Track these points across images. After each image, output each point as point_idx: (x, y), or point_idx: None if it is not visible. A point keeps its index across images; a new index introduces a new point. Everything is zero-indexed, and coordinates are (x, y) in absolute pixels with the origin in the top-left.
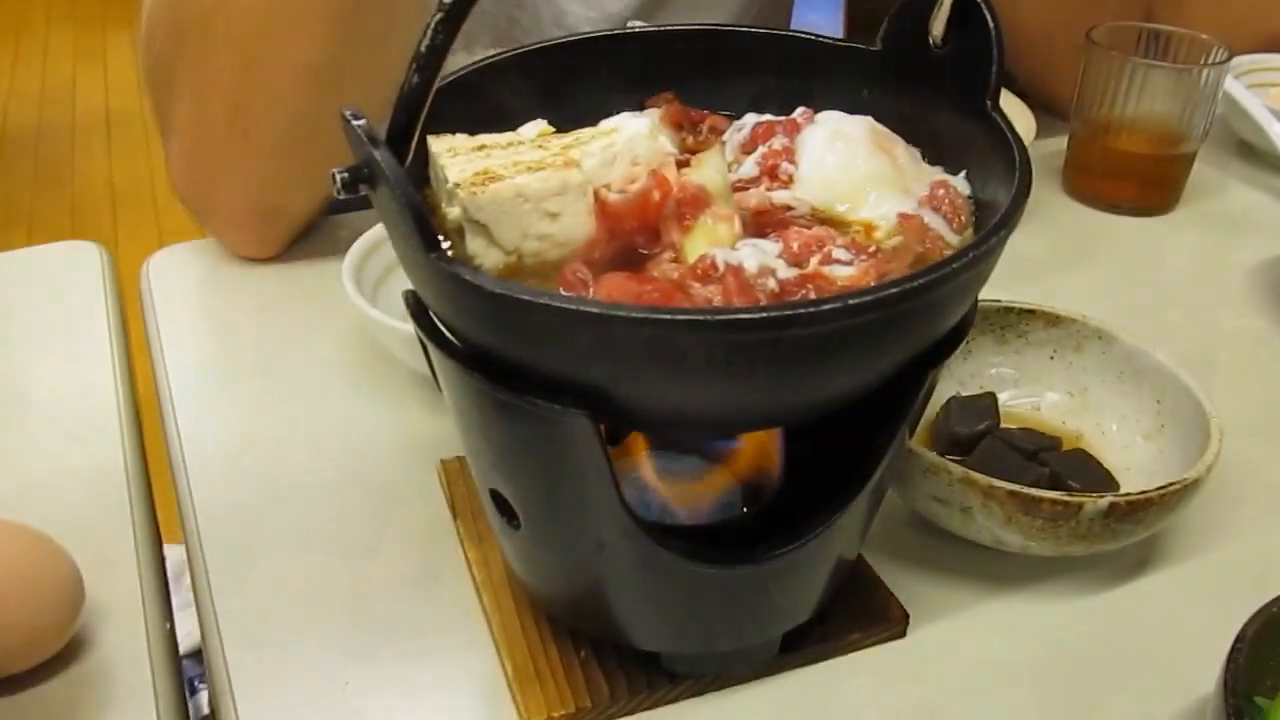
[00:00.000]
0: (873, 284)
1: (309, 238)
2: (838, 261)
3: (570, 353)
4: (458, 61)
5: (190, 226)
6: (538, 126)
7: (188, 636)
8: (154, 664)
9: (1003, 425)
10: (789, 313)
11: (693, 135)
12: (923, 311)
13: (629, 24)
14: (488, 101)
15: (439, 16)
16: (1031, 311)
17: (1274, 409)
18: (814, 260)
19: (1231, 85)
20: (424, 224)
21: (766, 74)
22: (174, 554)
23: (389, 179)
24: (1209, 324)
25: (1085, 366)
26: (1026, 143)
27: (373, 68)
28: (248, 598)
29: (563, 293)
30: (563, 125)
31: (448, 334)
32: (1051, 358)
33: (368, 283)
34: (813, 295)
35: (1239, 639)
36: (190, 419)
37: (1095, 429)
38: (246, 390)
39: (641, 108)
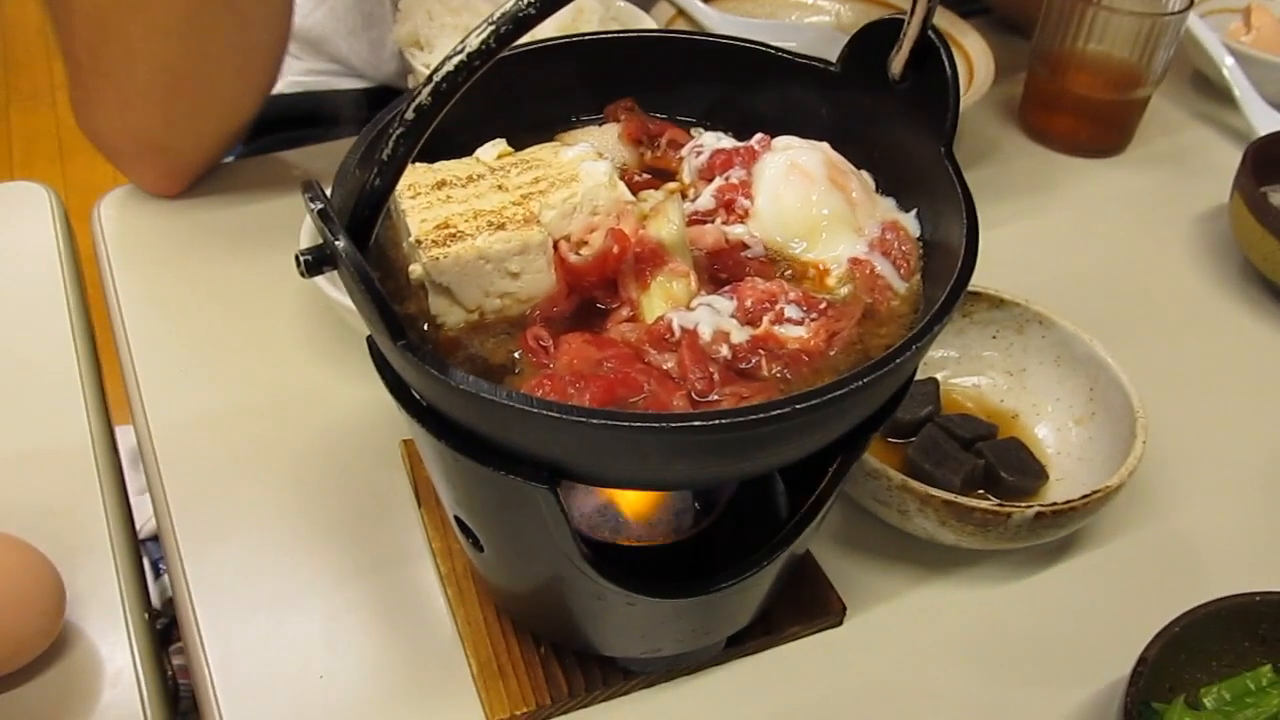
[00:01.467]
0: (823, 347)
1: (260, 176)
2: (789, 320)
3: (531, 438)
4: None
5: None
6: (497, 148)
7: (147, 523)
8: (137, 653)
9: (944, 408)
10: (736, 419)
11: (651, 150)
12: (860, 403)
13: None
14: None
15: (400, 131)
16: (978, 294)
17: (1197, 378)
18: (766, 319)
19: (1193, 23)
20: (390, 316)
21: (728, 84)
22: (125, 438)
23: (353, 273)
24: (1149, 280)
25: (1025, 348)
26: (985, 86)
27: (232, 25)
28: (218, 570)
29: (523, 393)
30: (523, 132)
31: (399, 393)
32: (994, 337)
33: None
34: (764, 365)
35: (1141, 660)
36: (154, 391)
37: (1031, 409)
38: (203, 361)
39: (601, 113)
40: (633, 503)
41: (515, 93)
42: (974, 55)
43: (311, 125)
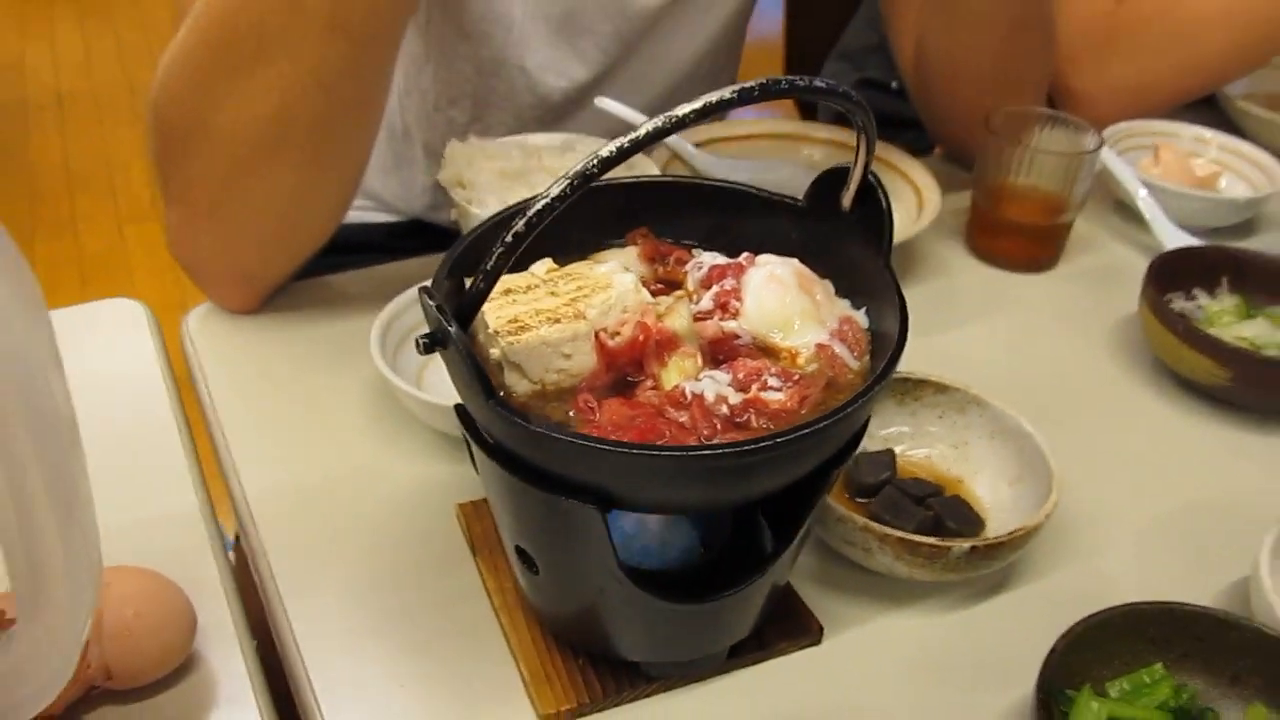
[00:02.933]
0: (798, 408)
1: (317, 295)
2: (771, 388)
3: (586, 467)
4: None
5: (150, 211)
6: (545, 264)
7: None
8: (250, 673)
9: (900, 474)
10: (734, 449)
11: (662, 265)
12: (824, 441)
13: (598, 100)
14: None
15: (500, 250)
16: (924, 381)
17: (1113, 449)
18: (754, 387)
19: (1109, 156)
20: (485, 380)
21: (720, 215)
22: None
23: (461, 351)
24: (1075, 371)
25: (966, 425)
26: (934, 213)
27: (337, 180)
28: (315, 615)
29: (583, 430)
30: (566, 253)
31: (480, 439)
32: (940, 417)
33: (389, 350)
34: (753, 420)
35: (1053, 650)
36: (249, 472)
37: (972, 474)
38: (288, 445)
39: (624, 238)
40: (654, 538)
41: (560, 221)
42: (923, 188)
43: (348, 253)
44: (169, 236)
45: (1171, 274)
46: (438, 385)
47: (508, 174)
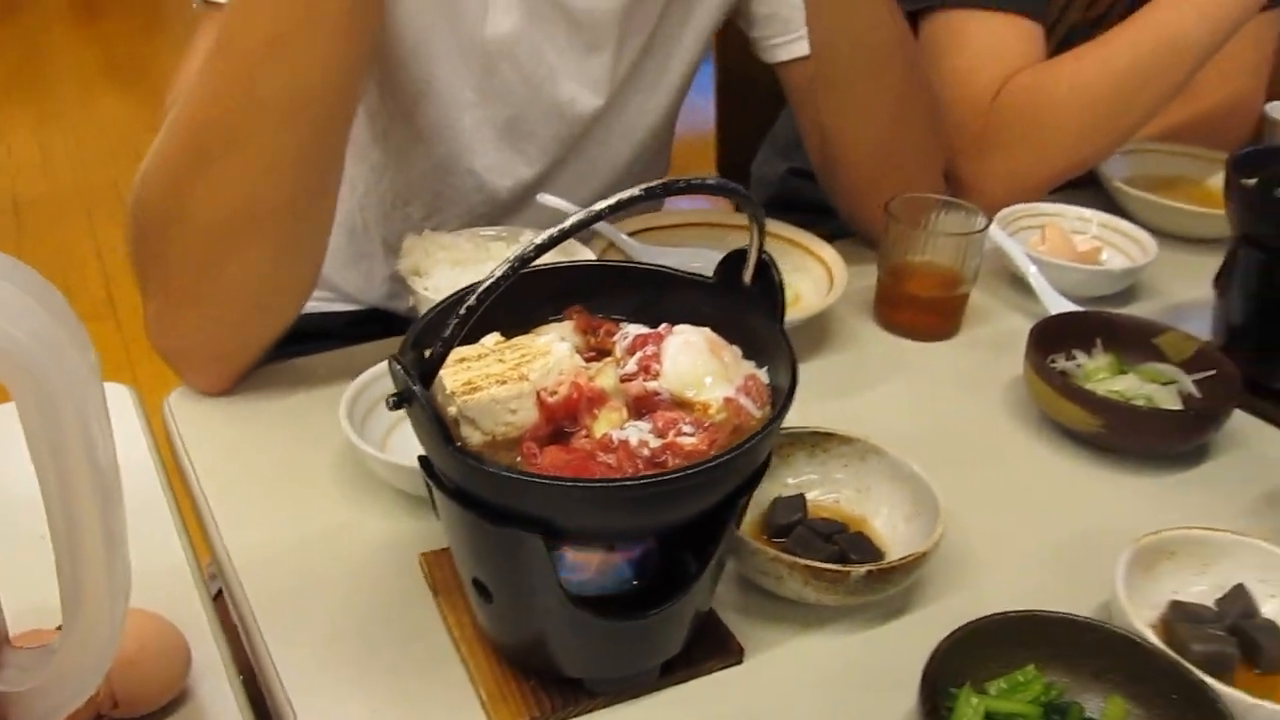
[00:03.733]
0: (707, 450)
1: (285, 376)
2: (685, 434)
3: (530, 501)
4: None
5: (106, 310)
6: (494, 337)
7: None
8: (239, 705)
9: (810, 515)
10: (653, 479)
11: (594, 336)
12: (728, 473)
13: (539, 197)
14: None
15: (456, 321)
16: (831, 434)
17: (1000, 490)
18: (671, 433)
19: (1000, 236)
20: (445, 431)
21: (644, 292)
22: None
23: (425, 406)
24: (970, 426)
25: (868, 471)
26: (842, 288)
27: (304, 260)
28: (296, 651)
29: (527, 468)
30: (512, 328)
31: (440, 481)
32: (845, 466)
33: (356, 420)
34: (670, 460)
35: (934, 651)
36: (230, 532)
37: (874, 514)
38: (265, 507)
39: (561, 314)
40: (594, 573)
41: (504, 299)
42: (832, 265)
43: (311, 341)
44: (149, 327)
45: (1053, 337)
46: (401, 450)
47: (460, 263)
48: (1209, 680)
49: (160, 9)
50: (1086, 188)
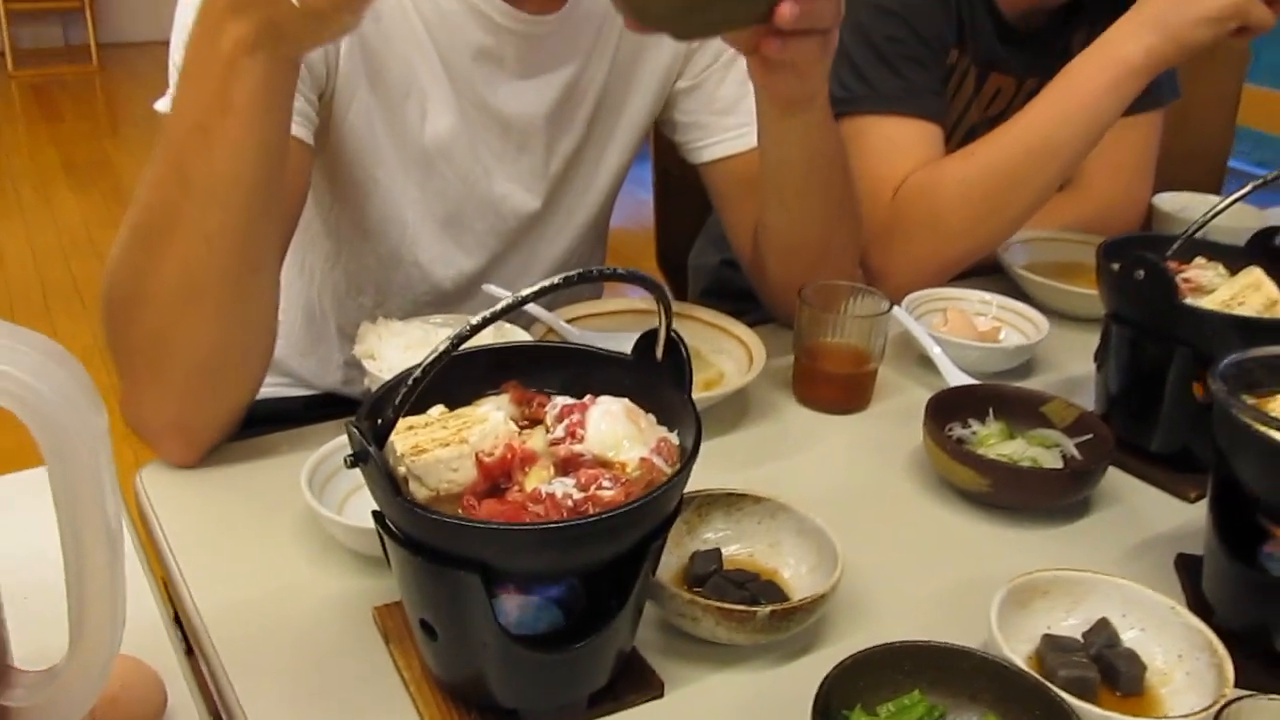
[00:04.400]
0: (624, 500)
1: (248, 452)
2: (605, 487)
3: (469, 544)
4: (358, 310)
5: None
6: (439, 409)
7: None
8: None
9: (726, 566)
10: (574, 522)
11: (528, 407)
12: (640, 519)
13: (484, 286)
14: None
15: (404, 391)
16: (745, 495)
17: (899, 542)
18: (593, 487)
19: (906, 318)
20: (395, 485)
21: (572, 368)
22: None
23: (378, 464)
24: (875, 487)
25: (778, 527)
26: (760, 365)
27: (252, 332)
28: (261, 695)
29: (466, 516)
30: (455, 401)
31: (397, 532)
32: (758, 523)
33: (316, 488)
34: (591, 509)
35: (826, 677)
36: (199, 590)
37: (783, 565)
38: (231, 567)
39: (499, 388)
40: (529, 613)
41: (449, 377)
42: (752, 346)
43: (270, 424)
44: (121, 405)
45: (950, 408)
46: (356, 514)
47: (409, 347)
48: (1069, 699)
49: (116, 112)
50: (991, 274)
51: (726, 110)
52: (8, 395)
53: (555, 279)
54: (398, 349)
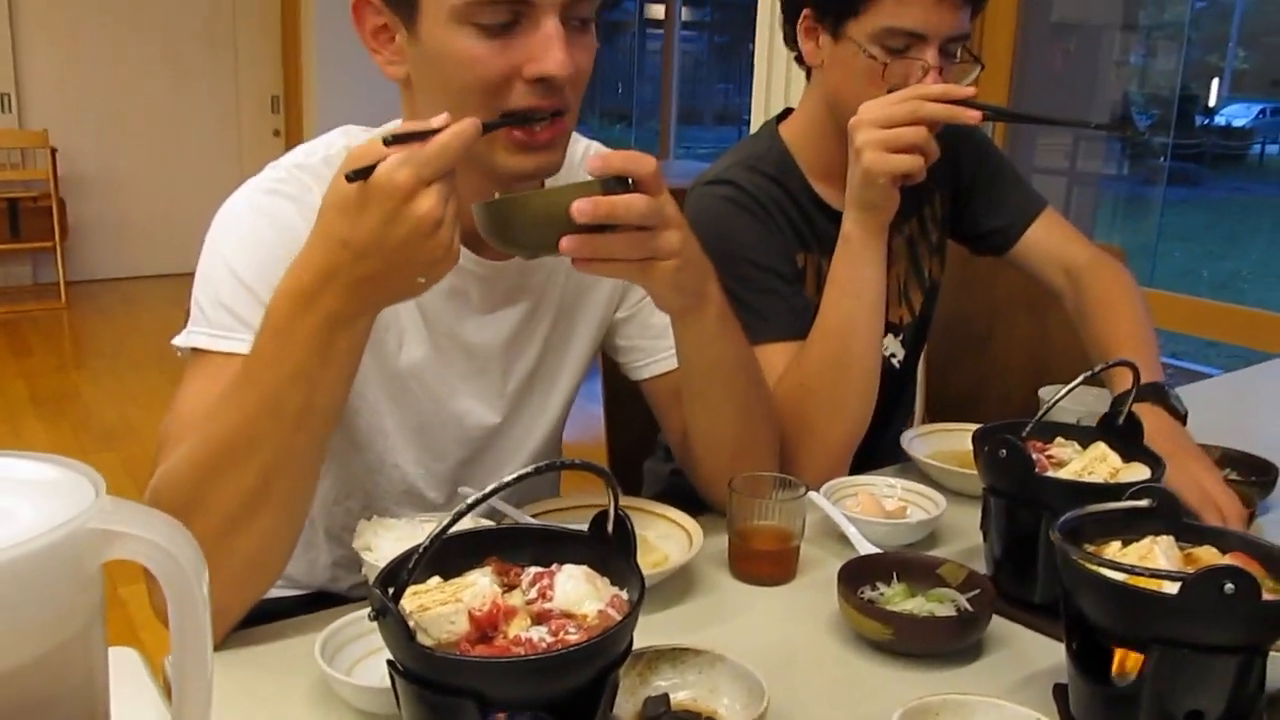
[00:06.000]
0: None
1: (272, 635)
2: (570, 632)
3: (465, 676)
4: (346, 514)
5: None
6: (436, 580)
7: None
8: None
9: (673, 708)
10: (546, 655)
11: (507, 576)
12: (597, 654)
13: (460, 489)
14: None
15: (413, 564)
16: (688, 649)
17: (817, 684)
18: (561, 633)
19: (822, 501)
20: (409, 631)
21: (541, 544)
22: None
23: (394, 616)
24: (800, 641)
25: (717, 675)
26: (699, 546)
27: (298, 528)
28: None
29: (465, 655)
30: (449, 574)
31: (403, 672)
32: (700, 672)
33: (327, 657)
34: (560, 649)
35: None
36: None
37: (722, 706)
38: None
39: (483, 562)
40: None
41: (443, 554)
42: (692, 532)
43: (266, 621)
44: (152, 601)
45: (860, 574)
46: (363, 678)
47: (401, 540)
48: None
49: (83, 346)
50: (904, 462)
51: (660, 335)
52: (148, 559)
53: (522, 470)
54: (390, 541)
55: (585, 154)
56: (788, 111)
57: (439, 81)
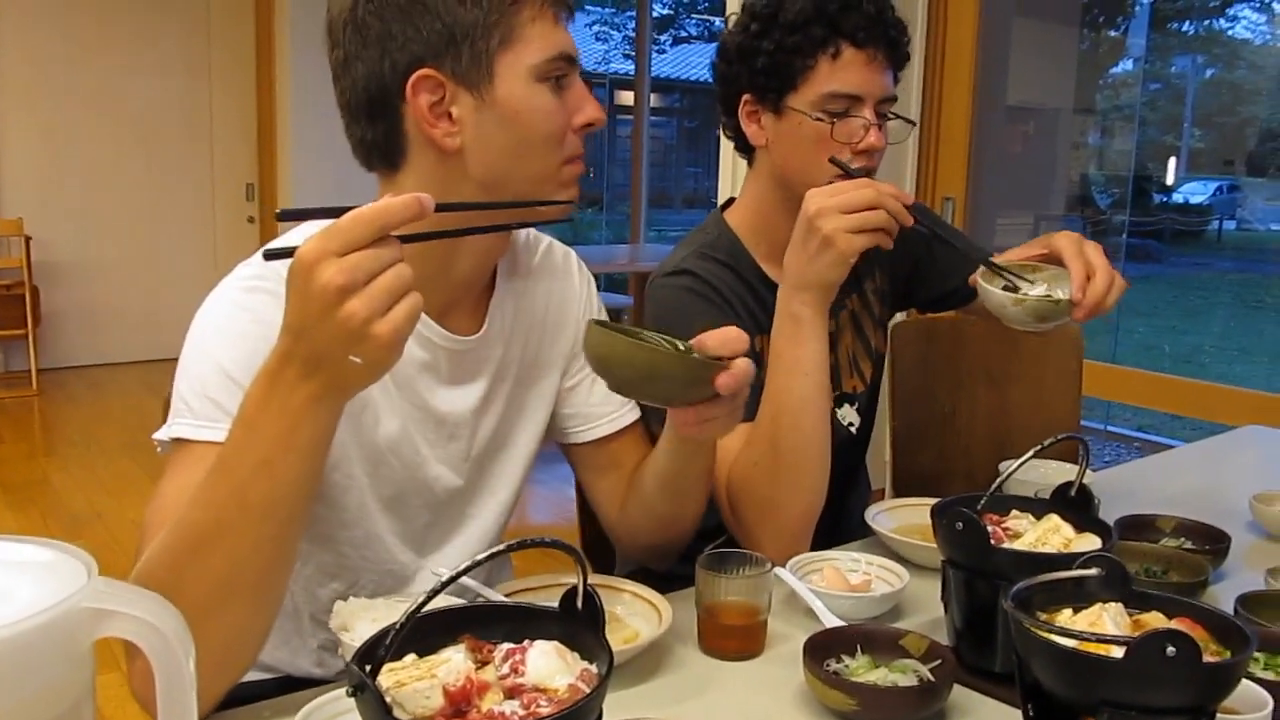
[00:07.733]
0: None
1: (255, 715)
2: (541, 705)
3: None
4: (330, 596)
5: None
6: (412, 657)
7: None
8: None
9: None
10: None
11: (480, 653)
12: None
13: (434, 570)
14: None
15: (391, 638)
16: None
17: None
18: (533, 706)
19: (789, 578)
20: (386, 707)
21: (513, 621)
22: None
23: (372, 693)
24: (766, 715)
25: None
26: (668, 623)
27: (270, 616)
28: None
29: None
30: (424, 651)
31: None
32: None
33: None
34: None
35: None
36: None
37: None
38: None
39: (457, 640)
40: None
41: (418, 632)
42: (661, 609)
43: (243, 704)
44: (131, 682)
45: (826, 647)
46: None
47: (377, 620)
48: None
49: (54, 433)
50: (869, 537)
51: (601, 402)
52: (138, 635)
53: (493, 549)
54: (367, 622)
55: (565, 257)
56: (730, 201)
57: (515, 137)
